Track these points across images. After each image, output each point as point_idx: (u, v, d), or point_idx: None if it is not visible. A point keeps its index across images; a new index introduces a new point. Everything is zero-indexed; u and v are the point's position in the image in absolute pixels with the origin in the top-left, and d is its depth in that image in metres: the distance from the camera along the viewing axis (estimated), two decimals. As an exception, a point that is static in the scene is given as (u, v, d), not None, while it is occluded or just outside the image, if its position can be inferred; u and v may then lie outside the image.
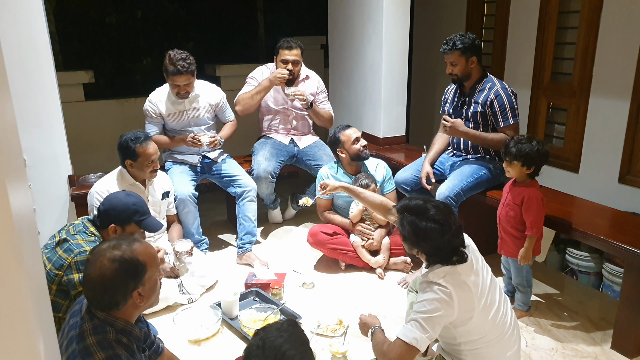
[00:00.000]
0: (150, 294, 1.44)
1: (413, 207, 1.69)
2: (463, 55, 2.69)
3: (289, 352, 1.25)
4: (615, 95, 3.37)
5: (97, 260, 1.37)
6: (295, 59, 3.27)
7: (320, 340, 2.22)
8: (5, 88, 0.92)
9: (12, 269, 0.83)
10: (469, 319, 1.63)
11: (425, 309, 1.60)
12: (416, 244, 1.67)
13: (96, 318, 1.37)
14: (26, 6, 2.67)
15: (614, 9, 3.31)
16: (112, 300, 1.36)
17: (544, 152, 2.24)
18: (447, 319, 1.61)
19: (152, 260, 1.43)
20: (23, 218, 0.91)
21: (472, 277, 1.64)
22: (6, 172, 0.81)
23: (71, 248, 1.91)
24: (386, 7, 3.59)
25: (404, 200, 1.78)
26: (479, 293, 1.63)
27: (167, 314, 2.47)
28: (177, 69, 2.83)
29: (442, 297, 1.58)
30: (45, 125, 2.88)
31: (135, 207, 2.01)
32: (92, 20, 5.32)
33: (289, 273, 2.85)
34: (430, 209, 1.66)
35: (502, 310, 1.71)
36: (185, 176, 3.00)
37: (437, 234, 1.61)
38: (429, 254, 1.68)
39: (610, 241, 2.16)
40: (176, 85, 2.90)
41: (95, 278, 1.36)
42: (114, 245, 1.39)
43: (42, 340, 0.92)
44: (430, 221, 1.62)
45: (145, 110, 3.03)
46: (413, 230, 1.65)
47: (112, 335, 1.36)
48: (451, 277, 1.60)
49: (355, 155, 2.94)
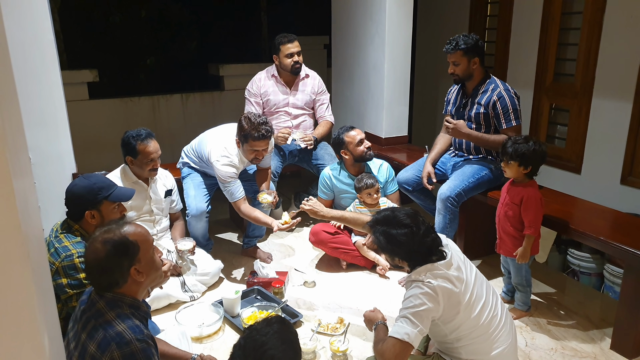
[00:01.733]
0: (149, 270, 1.50)
1: (382, 219, 1.77)
2: (465, 55, 2.70)
3: (269, 351, 1.25)
4: (618, 97, 3.37)
5: (91, 245, 1.46)
6: (299, 49, 3.35)
7: (321, 338, 2.23)
8: (11, 87, 0.94)
9: (19, 264, 0.85)
10: (455, 314, 1.67)
11: (412, 304, 1.65)
12: (392, 251, 1.76)
13: (106, 297, 1.45)
14: (32, 6, 2.70)
15: (616, 11, 3.31)
16: (111, 279, 1.44)
17: (540, 152, 2.25)
18: (433, 312, 1.65)
19: (143, 238, 1.50)
20: (29, 215, 0.93)
21: (455, 273, 1.68)
22: (13, 170, 0.83)
23: (58, 252, 1.89)
24: (389, 7, 3.60)
25: (373, 217, 1.86)
26: (463, 288, 1.68)
27: (169, 312, 2.49)
28: (263, 134, 2.56)
29: (427, 291, 1.63)
30: (50, 124, 2.91)
31: (98, 184, 1.99)
32: (97, 19, 5.36)
33: (290, 272, 2.87)
34: (397, 216, 1.75)
35: (490, 305, 1.73)
36: (201, 191, 2.90)
37: (408, 236, 1.70)
38: (408, 259, 1.75)
39: (610, 242, 2.17)
40: (255, 150, 2.63)
41: (91, 261, 1.45)
42: (106, 230, 1.48)
43: (47, 335, 0.94)
44: (399, 227, 1.71)
45: (232, 172, 2.69)
46: (386, 239, 1.73)
47: (127, 309, 1.44)
48: (432, 273, 1.66)
49: (359, 157, 2.95)
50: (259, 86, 3.44)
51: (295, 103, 3.46)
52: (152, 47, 5.62)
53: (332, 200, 3.12)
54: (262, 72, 3.50)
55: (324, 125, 3.52)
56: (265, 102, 3.45)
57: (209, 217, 2.87)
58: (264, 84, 3.44)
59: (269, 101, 3.44)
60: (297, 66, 3.35)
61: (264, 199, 2.79)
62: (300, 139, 3.30)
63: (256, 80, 3.47)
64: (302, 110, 3.49)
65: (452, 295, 1.65)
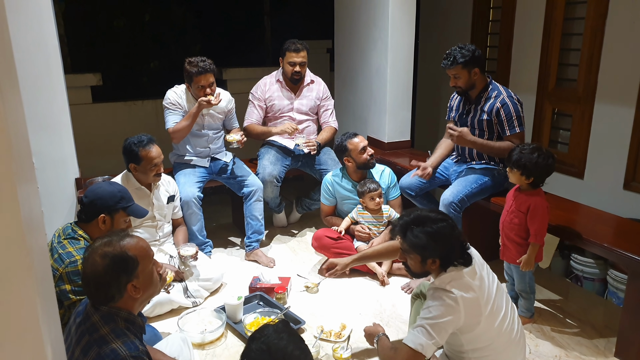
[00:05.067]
0: (146, 286, 1.49)
1: (414, 220, 1.70)
2: (465, 68, 2.68)
3: (294, 352, 1.28)
4: (620, 102, 3.36)
5: (90, 257, 1.44)
6: (302, 60, 3.35)
7: (324, 345, 2.23)
8: (16, 92, 0.94)
9: (22, 269, 0.85)
10: (476, 325, 1.64)
11: (431, 315, 1.61)
12: (434, 250, 1.67)
13: (101, 310, 1.43)
14: (37, 10, 2.71)
15: (618, 17, 3.31)
16: (107, 294, 1.42)
17: (543, 165, 2.20)
18: (453, 324, 1.62)
19: (143, 253, 1.48)
20: (32, 220, 0.92)
21: (477, 282, 1.65)
22: (17, 174, 0.82)
23: (62, 258, 1.90)
24: (392, 12, 3.60)
25: (399, 221, 1.77)
26: (484, 298, 1.64)
27: (171, 318, 2.49)
28: (201, 68, 2.86)
29: (449, 303, 1.60)
30: (53, 128, 2.91)
31: (121, 193, 2.05)
32: (101, 23, 5.38)
33: (293, 277, 2.86)
34: (429, 213, 1.70)
35: (509, 318, 1.71)
36: (192, 178, 3.02)
37: (449, 229, 1.66)
38: (445, 256, 1.68)
39: (614, 249, 2.16)
40: (202, 86, 2.90)
41: (89, 274, 1.43)
42: (106, 242, 1.46)
43: (50, 347, 0.93)
44: (437, 222, 1.67)
45: (168, 101, 3.00)
46: (429, 237, 1.65)
47: (122, 323, 1.43)
48: (457, 283, 1.62)
49: (362, 164, 2.95)
50: (264, 90, 3.45)
51: (300, 108, 3.47)
52: (156, 51, 5.64)
53: (334, 205, 3.12)
54: (267, 77, 3.51)
55: (327, 131, 3.53)
56: (270, 107, 3.46)
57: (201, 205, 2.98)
58: (269, 88, 3.45)
59: (273, 106, 3.45)
60: (297, 77, 3.37)
61: (231, 137, 3.05)
62: (303, 143, 3.31)
63: (261, 84, 3.48)
64: (306, 116, 3.50)
65: (474, 307, 1.62)
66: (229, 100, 3.19)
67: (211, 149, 3.17)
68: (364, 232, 2.93)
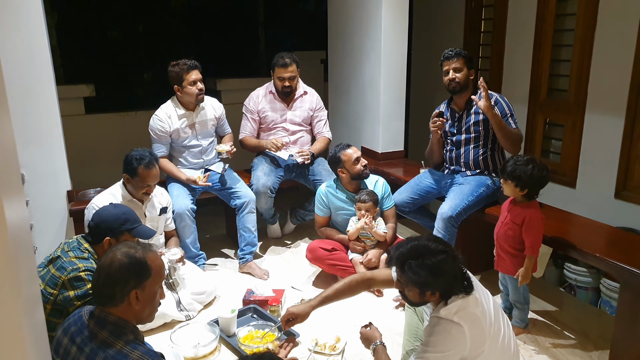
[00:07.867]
0: (147, 302, 1.51)
1: (410, 253, 1.58)
2: (466, 64, 2.76)
3: None
4: (610, 112, 3.40)
5: (112, 253, 1.50)
6: (291, 75, 3.33)
7: (318, 358, 2.20)
8: (4, 105, 0.93)
9: (6, 284, 0.84)
10: (480, 353, 1.61)
11: (436, 348, 1.57)
12: (435, 283, 1.57)
13: (108, 323, 1.45)
14: (28, 22, 2.70)
15: (607, 29, 3.36)
16: (111, 291, 1.46)
17: (538, 177, 2.20)
18: (458, 356, 1.59)
19: (158, 269, 1.53)
20: (19, 234, 0.91)
21: (480, 309, 1.61)
22: (3, 188, 0.82)
23: (64, 266, 1.93)
24: (384, 23, 3.64)
25: (395, 252, 1.64)
26: (487, 323, 1.61)
27: (164, 331, 2.46)
28: (188, 65, 2.93)
29: (456, 336, 1.55)
30: (44, 141, 2.90)
31: (126, 216, 2.07)
32: (94, 34, 5.38)
33: (287, 289, 2.84)
34: (427, 243, 1.58)
35: (507, 337, 1.69)
36: (185, 189, 3.01)
37: (449, 262, 1.56)
38: (447, 288, 1.59)
39: (606, 259, 2.16)
40: (193, 81, 2.94)
41: (104, 265, 1.48)
42: (131, 246, 1.53)
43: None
44: (437, 254, 1.55)
45: (153, 129, 3.00)
46: (428, 272, 1.54)
47: (131, 336, 1.46)
48: (464, 312, 1.56)
49: (356, 175, 2.95)
50: (257, 102, 3.45)
51: (293, 119, 3.47)
52: (150, 62, 5.64)
53: (329, 217, 3.11)
54: (260, 89, 3.51)
55: (321, 141, 3.53)
56: (263, 119, 3.46)
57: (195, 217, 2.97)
58: (261, 100, 3.45)
59: (266, 117, 3.45)
60: (287, 90, 3.36)
61: (220, 148, 3.10)
62: (297, 153, 3.31)
63: (254, 97, 3.48)
64: (300, 127, 3.50)
65: (480, 336, 1.59)
66: (217, 107, 3.23)
67: (204, 160, 3.17)
68: (360, 245, 2.92)
